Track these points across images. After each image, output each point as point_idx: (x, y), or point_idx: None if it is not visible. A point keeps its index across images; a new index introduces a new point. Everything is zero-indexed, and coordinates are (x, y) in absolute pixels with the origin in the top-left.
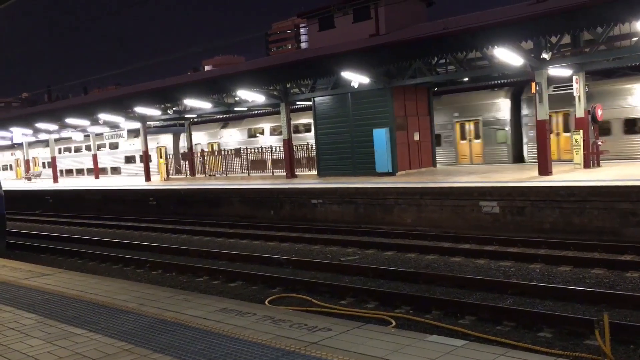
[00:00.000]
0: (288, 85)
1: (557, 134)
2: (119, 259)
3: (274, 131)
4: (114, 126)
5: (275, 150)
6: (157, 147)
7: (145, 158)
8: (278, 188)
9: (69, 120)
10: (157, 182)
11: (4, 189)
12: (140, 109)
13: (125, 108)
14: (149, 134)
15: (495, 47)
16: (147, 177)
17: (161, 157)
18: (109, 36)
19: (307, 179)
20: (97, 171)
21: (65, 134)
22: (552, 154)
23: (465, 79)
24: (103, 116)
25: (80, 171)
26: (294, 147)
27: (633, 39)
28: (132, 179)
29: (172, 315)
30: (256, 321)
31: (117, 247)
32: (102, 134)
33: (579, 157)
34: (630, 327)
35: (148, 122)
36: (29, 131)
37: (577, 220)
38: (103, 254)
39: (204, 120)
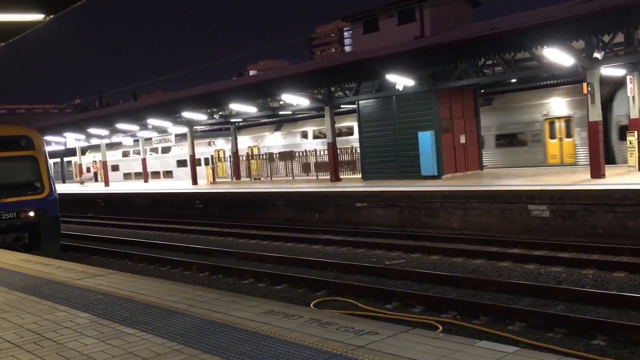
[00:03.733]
0: (332, 89)
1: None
2: (167, 260)
3: (319, 134)
4: (162, 131)
5: (320, 153)
6: (215, 150)
7: (193, 162)
8: (322, 191)
9: (119, 126)
10: (203, 185)
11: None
12: (187, 114)
13: (172, 113)
14: (206, 137)
15: (545, 47)
16: (194, 181)
17: (220, 161)
18: (157, 43)
19: (352, 182)
20: (146, 175)
21: (115, 138)
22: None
23: (514, 80)
24: (152, 121)
25: (139, 174)
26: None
27: None
28: (182, 183)
29: (220, 316)
30: (303, 324)
31: (165, 250)
32: (150, 138)
33: (633, 159)
34: None
35: (196, 127)
36: (82, 136)
37: (632, 225)
38: (152, 256)
39: (249, 125)
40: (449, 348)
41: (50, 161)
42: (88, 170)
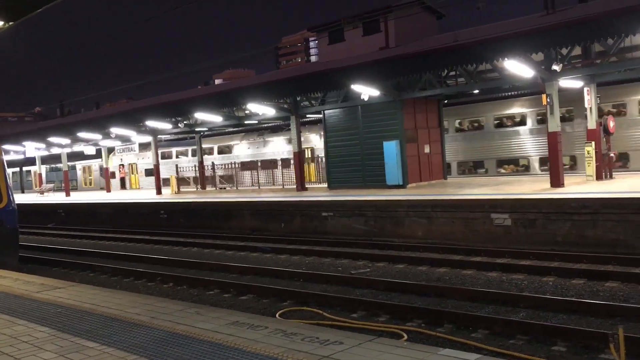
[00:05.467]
0: (298, 98)
1: None
2: (130, 272)
3: (285, 143)
4: (125, 140)
5: (285, 163)
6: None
7: (157, 171)
8: (288, 201)
9: (81, 134)
10: (168, 195)
11: (16, 202)
12: (151, 123)
13: (136, 122)
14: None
15: (506, 59)
16: (159, 191)
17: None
18: (121, 51)
19: (318, 192)
20: (108, 184)
21: (77, 147)
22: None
23: (476, 91)
24: (115, 130)
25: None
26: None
27: None
28: (147, 193)
29: (184, 328)
30: (268, 334)
31: (128, 261)
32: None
33: (591, 169)
34: None
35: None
36: (42, 145)
37: (590, 233)
38: (114, 267)
39: (215, 134)
40: (413, 356)
41: (9, 170)
42: (113, 175)
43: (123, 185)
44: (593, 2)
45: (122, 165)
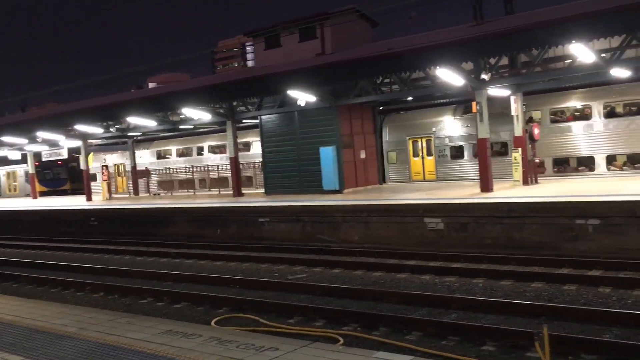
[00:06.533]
0: (234, 104)
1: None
2: (58, 281)
3: (217, 149)
4: (53, 144)
5: (222, 168)
6: (115, 164)
7: (87, 176)
8: (224, 207)
9: (4, 138)
10: (99, 201)
11: None
12: (81, 127)
13: (65, 126)
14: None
15: (438, 67)
16: (89, 197)
17: (119, 176)
18: (50, 53)
19: (254, 197)
20: (34, 191)
21: (0, 152)
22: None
23: (410, 98)
24: (42, 134)
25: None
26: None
27: (566, 61)
28: (78, 199)
29: (114, 339)
30: (202, 343)
31: (56, 270)
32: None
33: (518, 175)
34: (569, 338)
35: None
36: None
37: (518, 236)
38: (41, 277)
39: (149, 138)
40: None
41: None
42: (94, 178)
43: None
44: (519, 14)
45: (106, 166)
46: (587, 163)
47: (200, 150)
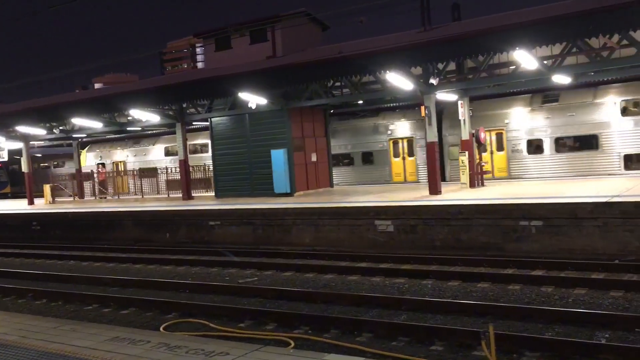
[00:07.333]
0: (184, 105)
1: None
2: None
3: (169, 152)
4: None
5: (171, 171)
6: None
7: (28, 179)
8: (174, 210)
9: None
10: (41, 205)
11: None
12: (22, 128)
13: (5, 127)
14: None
15: (387, 71)
16: (31, 201)
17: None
18: None
19: (204, 201)
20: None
21: None
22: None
23: (360, 102)
24: None
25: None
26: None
27: (511, 67)
28: (20, 203)
29: (57, 347)
30: (150, 349)
31: None
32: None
33: (465, 177)
34: (513, 337)
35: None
36: None
37: (465, 237)
38: None
39: (97, 140)
40: None
41: None
42: (87, 177)
43: (103, 192)
44: (465, 21)
45: (102, 164)
46: None
47: (148, 152)
